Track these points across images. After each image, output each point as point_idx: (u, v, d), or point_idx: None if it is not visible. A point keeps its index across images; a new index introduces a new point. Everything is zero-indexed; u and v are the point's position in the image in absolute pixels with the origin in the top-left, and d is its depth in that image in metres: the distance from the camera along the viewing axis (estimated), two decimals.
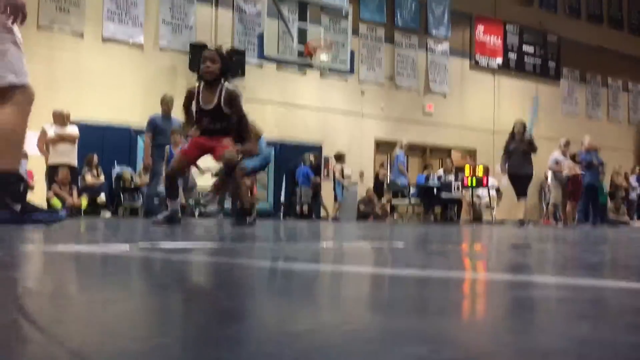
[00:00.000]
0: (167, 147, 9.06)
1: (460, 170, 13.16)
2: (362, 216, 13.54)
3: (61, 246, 2.19)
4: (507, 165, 9.50)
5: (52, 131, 9.13)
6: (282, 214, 12.64)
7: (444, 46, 16.92)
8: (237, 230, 4.37)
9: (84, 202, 9.81)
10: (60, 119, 9.18)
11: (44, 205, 9.15)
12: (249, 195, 6.81)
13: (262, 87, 14.01)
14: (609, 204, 14.77)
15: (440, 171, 13.96)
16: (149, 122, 9.09)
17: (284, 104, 14.33)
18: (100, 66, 12.05)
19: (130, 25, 12.46)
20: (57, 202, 9.19)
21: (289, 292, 1.07)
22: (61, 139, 9.11)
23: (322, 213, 13.33)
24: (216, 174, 5.16)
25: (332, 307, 0.93)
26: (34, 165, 9.93)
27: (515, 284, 1.30)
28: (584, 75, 19.68)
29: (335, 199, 12.69)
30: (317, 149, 13.76)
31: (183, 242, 2.75)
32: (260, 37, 11.28)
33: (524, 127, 9.43)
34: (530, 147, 9.32)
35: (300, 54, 11.63)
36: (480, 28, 17.52)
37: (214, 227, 4.86)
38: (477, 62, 17.48)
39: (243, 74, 13.26)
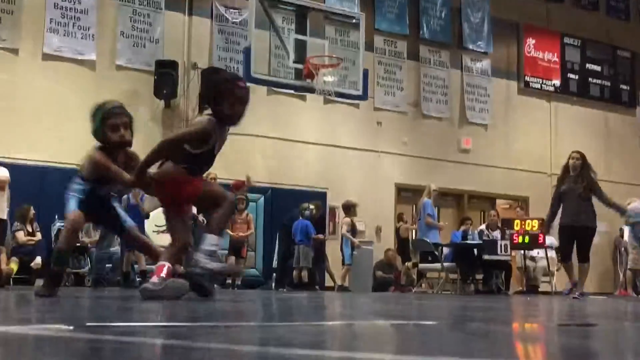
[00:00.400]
0: (125, 197, 9.10)
1: (508, 224, 13.13)
2: (379, 285, 13.43)
3: None
4: (555, 214, 9.12)
5: None
6: (274, 282, 12.56)
7: (484, 64, 17.12)
8: (214, 306, 4.34)
9: (14, 267, 9.76)
10: None
11: None
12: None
13: (248, 117, 14.07)
14: None
15: (482, 226, 13.91)
16: None
17: (277, 139, 14.42)
18: (40, 90, 12.20)
19: (79, 39, 12.67)
20: None
21: None
22: None
23: (327, 281, 13.23)
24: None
25: None
26: None
27: None
28: None
29: (344, 262, 12.63)
30: (320, 197, 13.78)
31: (142, 321, 2.72)
32: (247, 53, 11.42)
33: (583, 159, 9.32)
34: (591, 187, 9.08)
35: (298, 74, 11.76)
36: (531, 41, 17.76)
37: (183, 302, 4.83)
38: (527, 85, 17.64)
39: None
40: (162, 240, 12.80)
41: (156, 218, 12.50)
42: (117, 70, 12.99)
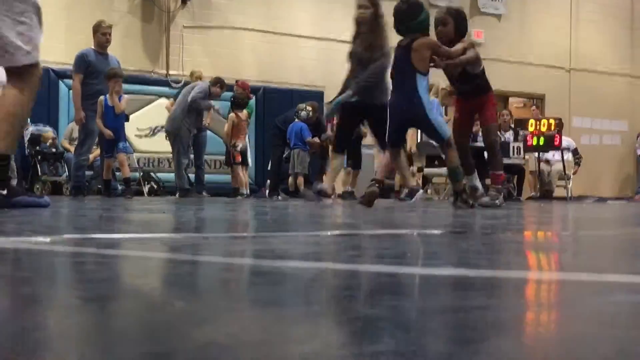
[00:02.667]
0: (102, 97, 9.07)
1: (521, 125, 13.14)
2: (383, 192, 13.53)
3: None
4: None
5: None
6: (267, 189, 12.66)
7: None
8: (203, 215, 4.39)
9: None
10: None
11: None
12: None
13: (236, 8, 13.90)
14: None
15: None
16: (79, 60, 9.07)
17: (268, 33, 14.24)
18: None
19: None
20: None
21: (277, 301, 1.08)
22: None
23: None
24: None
25: (336, 322, 0.93)
26: None
27: (597, 287, 1.31)
28: None
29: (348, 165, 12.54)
30: (316, 97, 13.71)
31: (125, 232, 2.76)
32: None
33: (375, 7, 7.20)
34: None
35: None
36: None
37: (166, 211, 4.89)
38: None
39: None
40: (145, 145, 12.84)
41: (137, 121, 12.54)
42: None
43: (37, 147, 11.71)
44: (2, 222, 3.15)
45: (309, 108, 11.95)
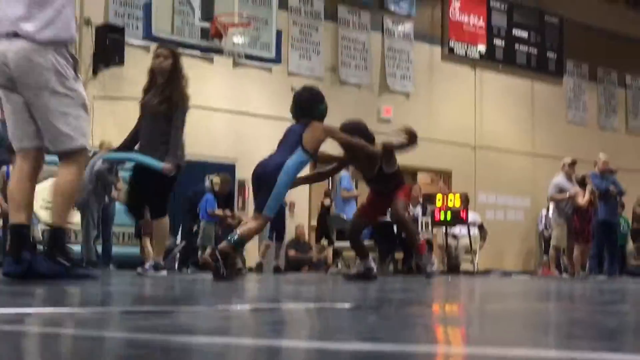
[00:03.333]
0: (4, 168, 8.83)
1: (429, 200, 13.38)
2: (293, 265, 13.49)
3: None
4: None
5: None
6: (177, 262, 12.45)
7: (407, 27, 17.28)
8: (108, 289, 4.28)
9: None
10: None
11: None
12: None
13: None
14: (630, 246, 15.39)
15: None
16: None
17: None
18: None
19: None
20: None
21: None
22: None
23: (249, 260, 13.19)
24: None
25: None
26: None
27: None
28: (594, 71, 20.52)
29: (271, 237, 12.42)
30: (228, 169, 13.69)
31: (23, 306, 2.67)
32: (147, 9, 11.21)
33: (175, 58, 6.92)
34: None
35: (204, 33, 11.61)
36: (456, 4, 18.01)
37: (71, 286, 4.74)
38: (451, 50, 17.92)
39: (121, 60, 13.08)
40: (49, 216, 12.47)
41: (43, 192, 12.20)
42: None
43: None
44: None
45: (212, 178, 11.88)
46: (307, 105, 6.05)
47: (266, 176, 5.68)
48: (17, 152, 4.53)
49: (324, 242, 14.24)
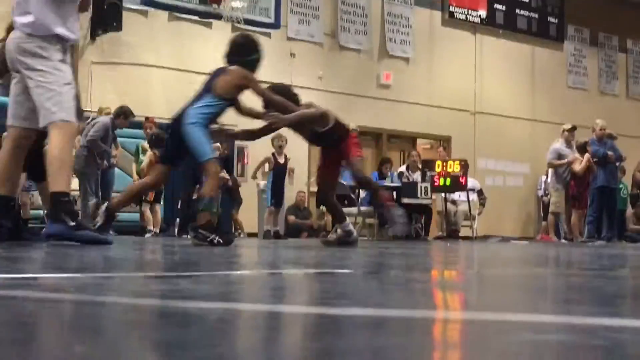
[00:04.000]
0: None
1: (429, 166, 13.39)
2: (292, 231, 13.53)
3: None
4: None
5: None
6: (177, 228, 12.49)
7: None
8: (108, 254, 4.29)
9: None
10: None
11: None
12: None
13: (147, 45, 13.78)
14: (629, 211, 15.43)
15: (402, 167, 14.13)
16: None
17: (179, 70, 14.14)
18: None
19: None
20: None
21: (188, 344, 1.06)
22: None
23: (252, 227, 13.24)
24: None
25: None
26: None
27: (501, 326, 1.33)
28: (595, 35, 20.41)
29: (271, 204, 12.26)
30: None
31: (25, 272, 2.68)
32: None
33: None
34: None
35: None
36: None
37: (73, 251, 4.76)
38: (452, 15, 17.81)
39: (119, 26, 13.01)
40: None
41: None
42: None
43: None
44: None
45: (219, 145, 11.82)
46: (238, 51, 5.95)
47: (176, 126, 5.65)
48: (7, 130, 5.13)
49: (323, 208, 14.26)
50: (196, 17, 13.50)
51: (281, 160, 11.65)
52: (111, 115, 10.53)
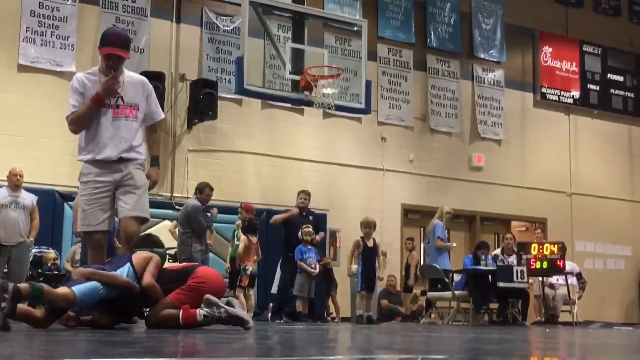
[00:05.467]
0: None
1: (524, 249, 13.11)
2: (385, 315, 13.38)
3: None
4: None
5: None
6: (269, 312, 12.51)
7: (497, 74, 17.18)
8: (203, 340, 4.34)
9: None
10: None
11: None
12: None
13: (241, 132, 14.16)
14: None
15: (497, 251, 13.89)
16: None
17: (273, 157, 14.44)
18: (15, 104, 12.23)
19: (58, 48, 12.71)
20: None
21: None
22: None
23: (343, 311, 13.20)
24: None
25: None
26: None
27: None
28: None
29: (362, 288, 12.11)
30: (320, 219, 13.74)
31: (122, 356, 2.73)
32: (240, 63, 11.47)
33: None
34: None
35: (295, 86, 11.81)
36: (548, 50, 17.84)
37: (169, 336, 4.83)
38: (544, 96, 17.70)
39: (214, 114, 13.43)
40: None
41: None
42: None
43: (39, 269, 11.64)
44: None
45: (303, 229, 11.82)
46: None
47: None
48: None
49: (417, 291, 14.09)
50: (288, 105, 13.82)
51: (369, 244, 11.62)
52: (194, 198, 10.75)
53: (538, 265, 12.61)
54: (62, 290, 4.94)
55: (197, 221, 10.32)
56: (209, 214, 10.78)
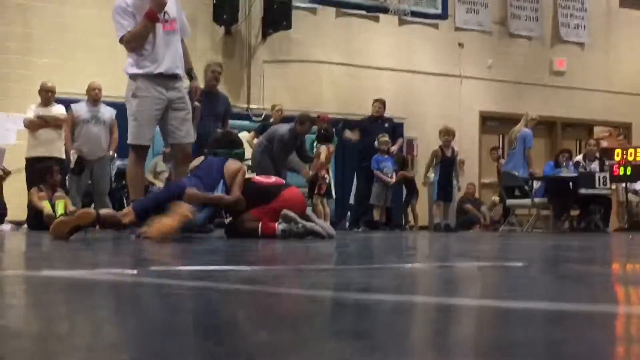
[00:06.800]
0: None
1: (607, 154, 12.84)
2: (464, 223, 13.41)
3: (48, 271, 2.29)
4: None
5: (32, 112, 9.57)
6: (347, 221, 12.67)
7: None
8: (283, 248, 4.43)
9: (61, 207, 9.70)
10: (44, 95, 9.63)
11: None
12: None
13: (315, 42, 14.07)
14: None
15: (579, 157, 13.66)
16: None
17: (348, 65, 14.35)
18: (93, 18, 12.39)
19: None
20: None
21: (364, 334, 1.09)
22: (45, 122, 9.53)
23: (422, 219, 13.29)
24: None
25: (423, 356, 0.94)
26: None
27: None
28: None
29: (440, 197, 12.09)
30: (396, 127, 13.69)
31: (208, 264, 2.81)
32: None
33: None
34: None
35: None
36: None
37: (247, 245, 4.95)
38: None
39: (289, 24, 13.36)
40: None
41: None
42: None
43: (123, 182, 11.94)
44: (89, 254, 3.25)
45: (380, 137, 11.77)
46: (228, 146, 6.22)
47: None
48: None
49: (496, 199, 14.02)
50: (363, 12, 13.62)
51: (448, 154, 11.51)
52: (288, 128, 10.47)
53: (621, 171, 12.34)
54: (183, 208, 5.04)
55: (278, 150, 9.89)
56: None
